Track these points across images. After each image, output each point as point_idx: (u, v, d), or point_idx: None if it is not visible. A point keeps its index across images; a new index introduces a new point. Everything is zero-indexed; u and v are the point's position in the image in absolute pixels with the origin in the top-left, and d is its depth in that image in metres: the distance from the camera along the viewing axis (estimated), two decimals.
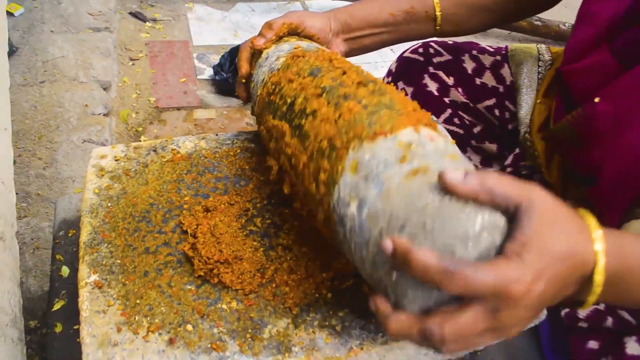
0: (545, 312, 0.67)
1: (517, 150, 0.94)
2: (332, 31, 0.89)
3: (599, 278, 0.47)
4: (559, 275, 0.45)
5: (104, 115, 1.74)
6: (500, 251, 0.46)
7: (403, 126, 0.56)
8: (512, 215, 0.47)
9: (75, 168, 1.52)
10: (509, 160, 0.95)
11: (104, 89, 1.86)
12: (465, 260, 0.46)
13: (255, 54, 0.86)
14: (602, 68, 0.72)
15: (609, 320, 0.73)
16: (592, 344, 0.73)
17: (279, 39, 0.85)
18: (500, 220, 0.47)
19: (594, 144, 0.72)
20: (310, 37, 0.87)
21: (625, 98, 0.68)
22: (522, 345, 0.88)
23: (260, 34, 0.85)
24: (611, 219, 0.71)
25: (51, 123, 1.66)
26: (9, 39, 1.70)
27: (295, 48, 0.79)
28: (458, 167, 0.50)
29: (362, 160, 0.56)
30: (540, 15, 1.54)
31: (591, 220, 0.49)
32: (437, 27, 0.93)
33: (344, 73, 0.68)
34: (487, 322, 0.46)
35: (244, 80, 0.86)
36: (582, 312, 0.75)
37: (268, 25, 0.85)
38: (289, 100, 0.69)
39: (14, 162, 1.43)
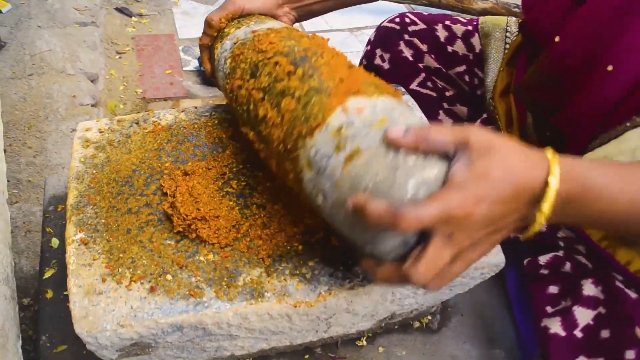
0: (503, 257, 0.72)
1: (484, 116, 1.00)
2: (277, 3, 0.92)
3: (549, 199, 0.51)
4: (502, 196, 0.50)
5: (92, 105, 1.79)
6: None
7: (332, 110, 0.61)
8: (454, 156, 0.53)
9: (65, 156, 1.56)
10: (476, 125, 1.01)
11: (92, 81, 1.90)
12: (410, 200, 0.52)
13: (210, 47, 0.90)
14: (557, 8, 0.76)
15: (567, 265, 0.78)
16: (552, 289, 0.78)
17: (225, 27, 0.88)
18: (430, 173, 0.53)
19: (562, 81, 0.76)
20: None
21: (581, 32, 0.72)
22: (490, 299, 0.93)
23: (204, 33, 0.89)
24: (575, 148, 0.76)
25: (40, 114, 1.70)
26: None
27: (234, 43, 0.82)
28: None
29: (310, 157, 0.62)
30: None
31: (548, 150, 0.54)
32: None
33: (277, 63, 0.71)
34: (449, 248, 0.52)
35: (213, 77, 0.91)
36: (542, 259, 0.80)
37: (207, 23, 0.88)
38: (244, 108, 0.74)
39: (5, 151, 1.48)
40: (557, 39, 0.74)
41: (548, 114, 0.81)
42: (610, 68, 0.69)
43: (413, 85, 1.07)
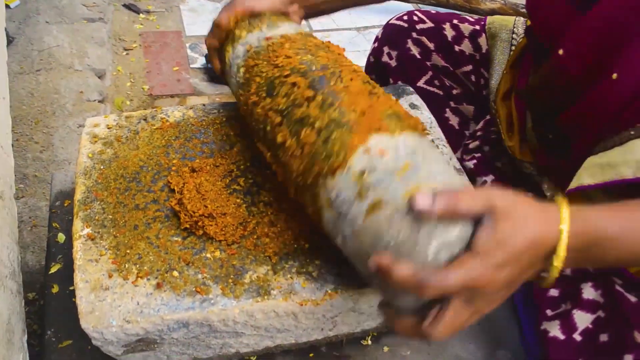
0: None
1: (487, 117, 1.00)
2: (286, 2, 0.89)
3: (561, 254, 0.54)
4: (521, 260, 0.53)
5: (99, 101, 1.79)
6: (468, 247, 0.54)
7: (354, 149, 0.61)
8: (480, 219, 0.54)
9: (71, 151, 1.57)
10: (480, 126, 1.01)
11: (99, 77, 1.90)
12: (436, 267, 0.53)
13: (220, 49, 0.89)
14: (559, 14, 0.76)
15: (568, 269, 0.78)
16: (553, 292, 0.78)
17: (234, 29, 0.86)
18: (453, 235, 0.53)
19: (566, 88, 0.76)
20: None
21: (585, 43, 0.72)
22: None
23: (211, 34, 0.88)
24: (578, 151, 0.76)
25: (47, 109, 1.70)
26: (5, 30, 1.74)
27: (247, 50, 0.81)
28: (409, 183, 0.56)
29: (331, 199, 0.62)
30: None
31: (561, 203, 0.55)
32: None
33: (294, 85, 0.70)
34: (467, 311, 0.54)
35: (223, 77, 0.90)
36: None
37: (216, 24, 0.86)
38: (261, 127, 0.73)
39: (12, 145, 1.48)
40: (560, 51, 0.74)
41: (551, 117, 0.80)
42: (615, 76, 0.68)
43: (420, 83, 1.06)
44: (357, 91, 0.66)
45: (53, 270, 0.91)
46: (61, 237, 0.96)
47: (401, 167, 0.58)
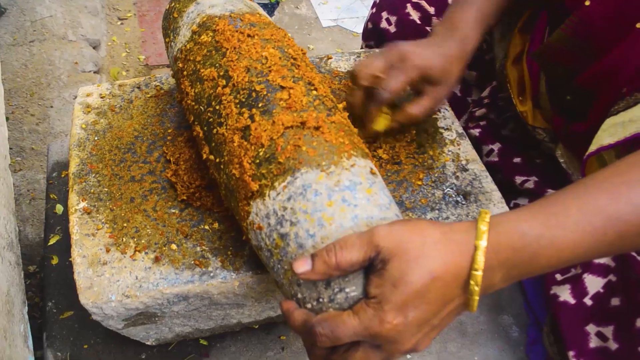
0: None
1: (494, 83, 0.97)
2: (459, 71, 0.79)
3: (477, 275, 0.48)
4: (428, 297, 0.47)
5: (94, 72, 1.76)
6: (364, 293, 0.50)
7: (245, 218, 0.58)
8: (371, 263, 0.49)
9: (67, 123, 1.54)
10: (486, 93, 0.98)
11: (93, 48, 1.87)
12: (329, 314, 0.49)
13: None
14: None
15: None
16: (558, 276, 0.77)
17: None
18: (352, 290, 0.50)
19: (591, 44, 0.73)
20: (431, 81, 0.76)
21: None
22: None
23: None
24: (599, 110, 0.73)
25: (42, 81, 1.67)
26: None
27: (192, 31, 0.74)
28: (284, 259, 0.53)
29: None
30: None
31: (483, 215, 0.49)
32: None
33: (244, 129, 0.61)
34: (378, 355, 0.50)
35: None
36: None
37: (389, 86, 0.73)
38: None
39: (7, 118, 1.46)
40: (587, 2, 0.71)
41: (569, 77, 0.78)
42: (639, 25, 0.66)
43: None
44: (230, 138, 0.60)
45: (52, 241, 0.90)
46: (59, 208, 0.95)
47: (275, 244, 0.54)
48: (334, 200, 0.52)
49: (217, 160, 0.62)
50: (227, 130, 0.60)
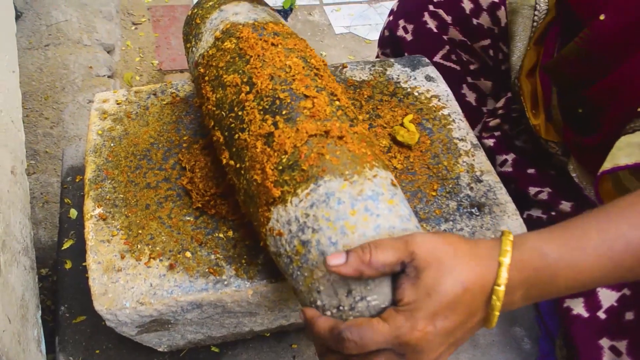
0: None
1: (509, 94, 0.97)
2: None
3: (500, 291, 0.48)
4: (455, 309, 0.48)
5: (108, 77, 1.77)
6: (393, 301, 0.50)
7: (264, 225, 0.58)
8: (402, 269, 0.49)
9: (82, 127, 1.55)
10: (501, 103, 0.98)
11: (108, 52, 1.88)
12: (358, 320, 0.49)
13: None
14: None
15: None
16: None
17: None
18: (372, 292, 0.50)
19: (605, 57, 0.73)
20: None
21: (628, 11, 0.69)
22: None
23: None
24: (609, 125, 0.73)
25: (57, 84, 1.69)
26: (13, 4, 1.72)
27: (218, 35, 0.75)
28: (308, 266, 0.53)
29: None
30: None
31: (507, 235, 0.50)
32: None
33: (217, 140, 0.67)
34: None
35: None
36: None
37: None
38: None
39: (22, 121, 1.47)
40: (602, 17, 0.71)
41: (581, 89, 0.78)
42: None
43: (437, 58, 1.04)
44: (253, 144, 0.61)
45: (65, 246, 0.91)
46: (73, 212, 0.95)
47: (296, 251, 0.54)
48: (357, 209, 0.52)
49: (238, 165, 0.62)
50: (250, 136, 0.61)
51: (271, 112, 0.61)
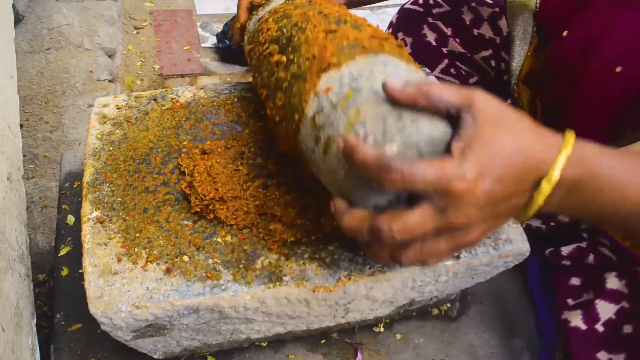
0: (528, 246, 0.69)
1: (509, 101, 0.97)
2: None
3: (553, 178, 0.46)
4: (508, 174, 0.44)
5: (109, 81, 1.77)
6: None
7: (307, 97, 0.60)
8: (456, 117, 0.47)
9: (82, 131, 1.55)
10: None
11: (109, 56, 1.89)
12: (405, 158, 0.47)
13: (253, 7, 0.88)
14: (566, 3, 0.75)
15: (591, 257, 0.76)
16: (575, 281, 0.76)
17: None
18: (422, 133, 0.47)
19: (566, 74, 0.74)
20: None
21: (588, 27, 0.69)
22: (510, 288, 0.91)
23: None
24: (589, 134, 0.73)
25: (57, 88, 1.69)
26: (14, 8, 1.73)
27: (247, 37, 0.83)
28: (349, 112, 0.53)
29: (303, 152, 0.63)
30: None
31: (570, 130, 0.48)
32: None
33: (270, 54, 0.70)
34: (435, 221, 0.45)
35: (238, 26, 0.88)
36: (565, 250, 0.77)
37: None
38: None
39: (21, 125, 1.47)
40: (565, 33, 0.71)
41: (560, 106, 0.78)
42: (619, 69, 0.66)
43: (435, 72, 1.03)
44: (315, 36, 0.64)
45: (62, 252, 0.90)
46: (70, 219, 0.95)
47: (343, 96, 0.54)
48: (412, 76, 0.55)
49: (291, 56, 0.65)
50: (312, 32, 0.64)
51: (336, 22, 0.66)
